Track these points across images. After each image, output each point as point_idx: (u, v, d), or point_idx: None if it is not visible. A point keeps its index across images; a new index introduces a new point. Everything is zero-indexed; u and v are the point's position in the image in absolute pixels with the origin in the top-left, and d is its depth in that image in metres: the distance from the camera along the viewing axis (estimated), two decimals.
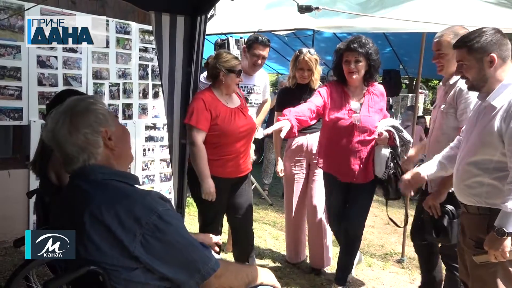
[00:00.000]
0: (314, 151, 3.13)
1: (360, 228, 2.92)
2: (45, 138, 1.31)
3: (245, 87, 3.40)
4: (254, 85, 3.49)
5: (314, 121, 2.74)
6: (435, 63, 2.42)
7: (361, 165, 2.75)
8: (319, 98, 2.76)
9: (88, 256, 1.19)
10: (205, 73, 3.23)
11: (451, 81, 2.36)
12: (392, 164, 2.74)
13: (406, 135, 2.76)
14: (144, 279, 1.21)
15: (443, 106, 2.40)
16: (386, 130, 2.70)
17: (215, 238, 1.87)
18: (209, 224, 2.84)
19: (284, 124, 2.37)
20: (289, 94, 3.21)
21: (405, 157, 2.77)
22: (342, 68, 2.73)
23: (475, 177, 1.85)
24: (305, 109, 2.62)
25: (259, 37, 3.34)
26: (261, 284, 1.51)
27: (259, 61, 3.33)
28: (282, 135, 2.36)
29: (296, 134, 2.55)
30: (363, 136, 2.72)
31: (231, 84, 2.71)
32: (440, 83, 2.58)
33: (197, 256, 1.27)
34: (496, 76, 1.82)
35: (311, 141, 3.19)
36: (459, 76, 2.04)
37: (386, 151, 2.70)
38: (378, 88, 2.86)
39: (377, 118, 2.78)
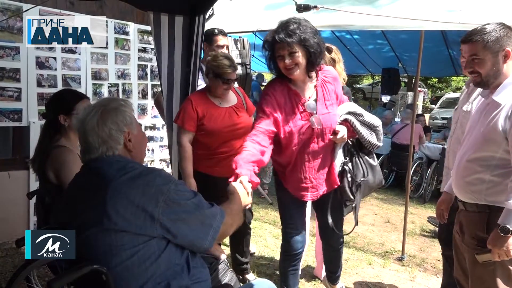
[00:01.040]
0: None
1: (342, 236, 2.64)
2: (75, 126, 1.46)
3: None
4: None
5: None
6: (460, 63, 2.40)
7: (327, 173, 2.34)
8: (265, 119, 2.18)
9: (113, 226, 1.26)
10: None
11: None
12: (346, 160, 2.35)
13: (370, 118, 2.36)
14: (157, 250, 1.30)
15: (465, 106, 2.38)
16: (342, 122, 2.30)
17: (222, 256, 1.90)
18: None
19: (244, 185, 1.78)
20: None
21: (380, 144, 2.40)
22: (270, 60, 2.23)
23: (477, 173, 1.83)
24: (254, 147, 2.07)
25: (215, 29, 3.23)
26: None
27: (226, 51, 3.26)
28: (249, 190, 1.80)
29: (259, 181, 1.99)
30: (326, 138, 2.26)
31: (217, 89, 2.67)
32: (464, 87, 2.58)
33: (208, 212, 1.41)
34: (505, 72, 1.79)
35: None
36: None
37: (339, 150, 2.34)
38: (330, 72, 2.37)
39: (336, 109, 2.33)
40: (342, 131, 2.25)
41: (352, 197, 2.37)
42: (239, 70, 3.63)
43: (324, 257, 2.82)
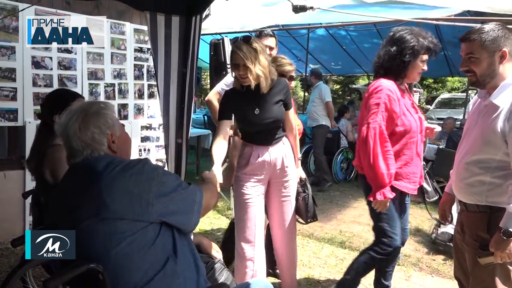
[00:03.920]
0: (278, 166, 2.56)
1: None
2: (57, 130, 1.46)
3: None
4: None
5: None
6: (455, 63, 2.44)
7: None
8: (388, 116, 2.37)
9: (112, 214, 1.28)
10: (226, 79, 3.23)
11: None
12: (424, 163, 2.56)
13: None
14: (154, 236, 1.34)
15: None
16: None
17: (218, 256, 1.96)
18: None
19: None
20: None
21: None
22: (409, 62, 2.41)
23: (476, 176, 1.82)
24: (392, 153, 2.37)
25: (263, 31, 3.36)
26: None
27: (268, 52, 3.34)
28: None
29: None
30: (424, 135, 2.53)
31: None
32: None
33: (190, 190, 1.49)
34: (501, 73, 1.78)
35: (275, 155, 2.55)
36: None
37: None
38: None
39: None
40: (438, 127, 2.58)
41: (436, 196, 2.60)
42: None
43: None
